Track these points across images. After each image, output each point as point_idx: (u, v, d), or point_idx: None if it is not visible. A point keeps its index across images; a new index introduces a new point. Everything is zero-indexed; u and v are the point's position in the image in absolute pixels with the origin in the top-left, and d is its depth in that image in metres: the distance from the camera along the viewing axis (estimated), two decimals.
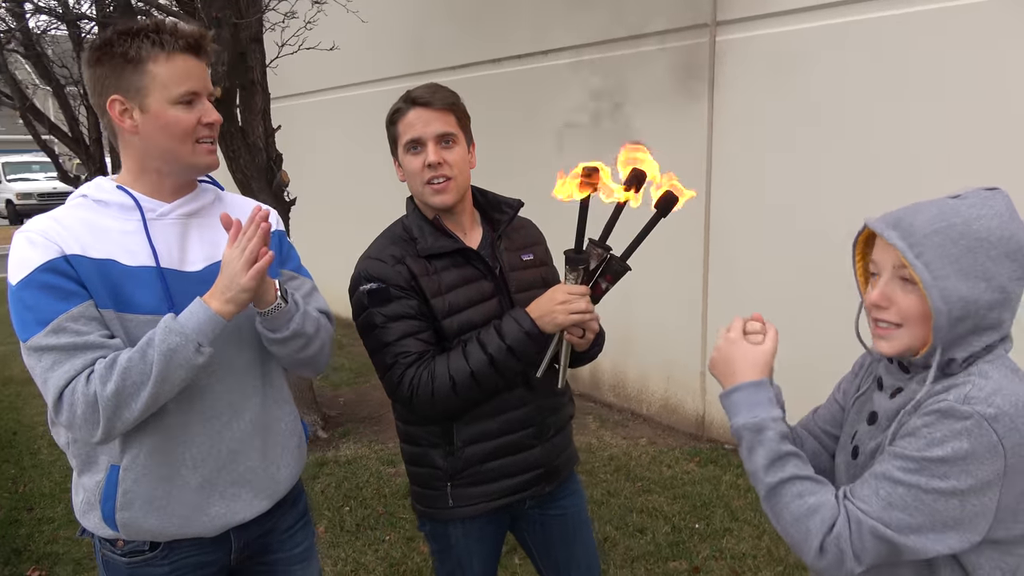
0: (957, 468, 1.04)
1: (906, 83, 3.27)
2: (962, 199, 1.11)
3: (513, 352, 1.58)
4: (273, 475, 1.56)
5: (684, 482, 3.78)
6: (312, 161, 7.31)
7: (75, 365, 1.29)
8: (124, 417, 1.31)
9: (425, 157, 1.63)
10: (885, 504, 1.07)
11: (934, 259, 1.08)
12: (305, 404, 4.54)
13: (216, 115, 1.43)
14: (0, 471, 4.29)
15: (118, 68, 1.36)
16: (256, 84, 4.20)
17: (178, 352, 1.30)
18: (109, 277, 1.35)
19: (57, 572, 3.20)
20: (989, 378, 1.07)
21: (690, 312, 4.33)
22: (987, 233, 1.07)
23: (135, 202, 1.42)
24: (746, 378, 1.22)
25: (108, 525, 1.42)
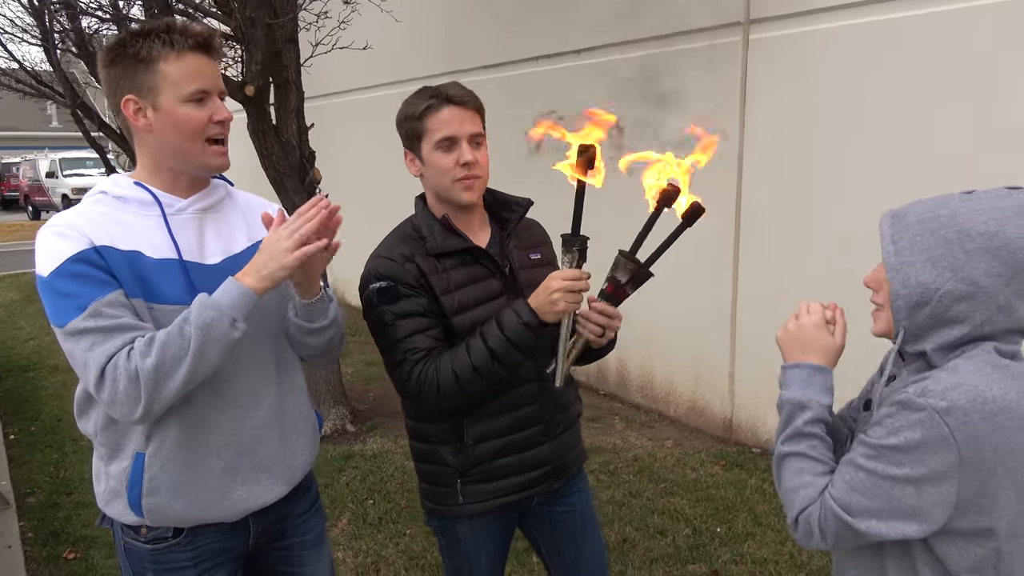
0: (911, 457, 1.08)
1: (937, 81, 3.18)
2: (970, 195, 1.14)
3: (513, 344, 1.57)
4: (290, 461, 1.60)
5: (708, 485, 3.74)
6: (344, 159, 7.41)
7: (115, 343, 1.32)
8: (164, 392, 1.33)
9: (459, 155, 1.65)
10: (848, 488, 1.14)
11: (907, 246, 1.14)
12: (334, 398, 4.62)
13: (227, 113, 1.45)
14: (43, 456, 4.47)
15: (131, 68, 1.39)
16: (291, 83, 4.28)
17: (214, 326, 1.33)
18: (136, 268, 1.39)
19: (92, 555, 3.31)
20: (956, 372, 1.09)
21: (719, 313, 4.28)
22: (970, 227, 1.10)
23: (154, 198, 1.45)
24: (814, 360, 1.28)
25: (134, 511, 1.45)
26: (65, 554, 3.33)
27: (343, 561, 3.17)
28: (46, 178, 21.37)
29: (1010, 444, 1.06)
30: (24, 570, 3.21)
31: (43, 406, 5.34)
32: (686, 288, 4.28)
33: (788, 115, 3.80)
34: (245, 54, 3.98)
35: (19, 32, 6.94)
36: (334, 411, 4.60)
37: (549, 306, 1.54)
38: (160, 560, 1.50)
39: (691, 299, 4.37)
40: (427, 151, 1.68)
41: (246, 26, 3.80)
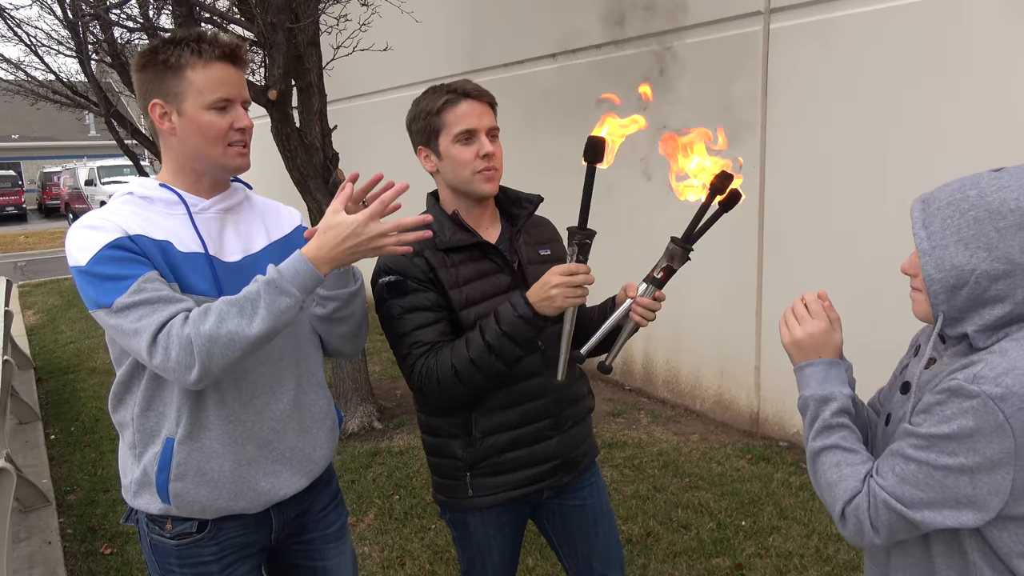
0: (964, 446, 1.05)
1: (963, 66, 3.12)
2: (999, 172, 1.12)
3: (509, 337, 1.59)
4: (310, 454, 1.63)
5: (733, 479, 3.71)
6: (367, 160, 7.49)
7: (168, 311, 1.35)
8: (219, 360, 1.35)
9: (479, 147, 1.68)
10: (899, 480, 1.12)
11: (939, 229, 1.12)
12: (361, 396, 4.68)
13: (247, 121, 1.50)
14: (82, 455, 4.60)
15: (160, 74, 1.45)
16: (313, 86, 4.35)
17: (286, 312, 1.38)
18: (167, 257, 1.44)
19: (127, 550, 3.40)
20: (1006, 356, 1.06)
21: (744, 307, 4.25)
22: (1000, 204, 1.07)
23: (179, 197, 1.51)
24: (827, 356, 1.30)
25: (161, 497, 1.49)
26: (102, 549, 3.43)
27: (369, 555, 3.22)
28: (85, 186, 21.92)
29: None
30: (63, 565, 3.32)
31: (82, 407, 5.50)
32: (711, 283, 4.26)
33: (810, 105, 3.75)
34: (267, 59, 4.05)
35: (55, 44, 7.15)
36: (361, 408, 4.66)
37: (547, 301, 1.55)
38: (185, 555, 1.54)
39: (716, 293, 4.34)
40: (445, 145, 1.71)
41: (268, 31, 3.87)
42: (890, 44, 3.38)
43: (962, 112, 3.15)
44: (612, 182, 4.81)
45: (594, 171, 1.51)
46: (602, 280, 2.16)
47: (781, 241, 4.02)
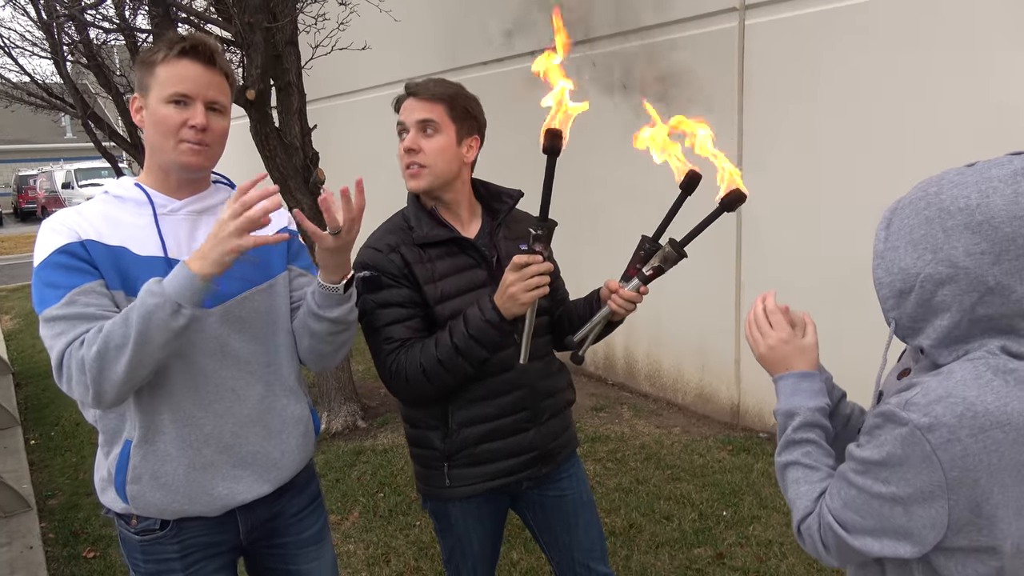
0: (895, 474, 1.01)
1: (936, 63, 3.18)
2: (970, 167, 1.03)
3: (476, 340, 1.61)
4: (276, 461, 1.61)
5: (715, 470, 3.76)
6: (348, 159, 7.48)
7: (76, 332, 1.37)
8: (109, 380, 1.34)
9: (403, 141, 1.72)
10: (843, 504, 1.09)
11: (896, 230, 1.06)
12: (345, 395, 4.68)
13: (202, 120, 1.47)
14: (63, 459, 4.57)
15: (139, 70, 1.50)
16: (292, 85, 4.34)
17: (156, 313, 1.33)
18: (120, 263, 1.45)
19: (110, 553, 3.39)
20: (948, 379, 0.99)
21: (724, 301, 4.29)
22: (951, 202, 0.99)
23: (148, 198, 1.52)
24: (797, 368, 1.26)
25: (120, 498, 1.50)
26: (85, 553, 3.41)
27: (354, 553, 3.23)
28: (62, 189, 21.67)
29: (1005, 461, 0.96)
30: (45, 569, 3.29)
31: (62, 411, 5.45)
32: (691, 277, 4.29)
33: (786, 101, 3.80)
34: (245, 59, 4.04)
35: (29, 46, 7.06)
36: (345, 408, 4.66)
37: (510, 301, 1.57)
38: (149, 551, 1.55)
39: (696, 288, 4.38)
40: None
41: (245, 31, 3.86)
42: (865, 40, 3.43)
43: (937, 108, 3.21)
44: (588, 176, 4.84)
45: (554, 163, 1.50)
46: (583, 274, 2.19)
47: (759, 235, 4.07)
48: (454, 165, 1.74)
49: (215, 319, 1.52)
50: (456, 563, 1.91)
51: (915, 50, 3.25)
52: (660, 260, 1.63)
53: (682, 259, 1.64)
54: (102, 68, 6.88)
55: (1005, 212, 0.96)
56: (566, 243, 2.08)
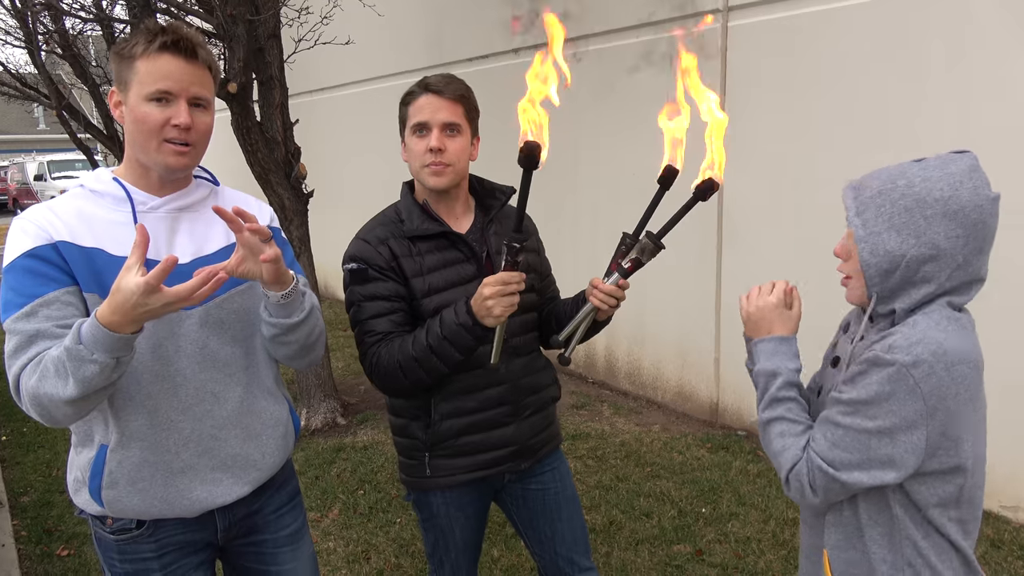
0: (883, 409, 1.18)
1: (922, 63, 3.23)
2: (922, 163, 1.23)
3: (450, 342, 1.62)
4: (256, 462, 1.59)
5: (694, 468, 3.79)
6: (330, 154, 7.43)
7: (31, 353, 1.33)
8: (48, 409, 1.31)
9: (429, 141, 1.71)
10: (830, 445, 1.24)
11: (872, 217, 1.23)
12: (325, 392, 4.65)
13: (186, 119, 1.42)
14: (36, 456, 4.49)
15: (117, 63, 1.44)
16: (274, 79, 4.30)
17: (95, 378, 1.28)
18: (95, 264, 1.39)
19: (85, 551, 3.34)
20: (916, 327, 1.19)
21: (704, 300, 4.33)
22: (926, 194, 1.19)
23: (127, 194, 1.46)
24: (777, 333, 1.40)
25: (95, 502, 1.48)
26: (59, 551, 3.36)
27: (334, 551, 3.22)
28: (34, 181, 21.27)
29: (967, 391, 1.17)
30: (18, 567, 3.24)
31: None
32: (672, 276, 4.33)
33: (768, 100, 3.84)
34: (227, 51, 3.99)
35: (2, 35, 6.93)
36: (324, 404, 4.63)
37: (485, 311, 1.57)
38: (125, 551, 1.53)
39: (677, 287, 4.42)
40: (407, 136, 1.77)
41: (227, 23, 3.82)
42: (848, 41, 3.47)
43: (919, 108, 3.26)
44: (575, 174, 4.86)
45: (530, 177, 1.46)
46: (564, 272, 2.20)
47: (740, 234, 4.11)
48: (467, 164, 1.78)
49: (195, 322, 1.49)
50: (439, 555, 1.91)
51: (898, 52, 3.29)
52: (638, 252, 1.65)
53: (660, 250, 1.65)
54: (77, 58, 6.77)
55: (971, 202, 1.18)
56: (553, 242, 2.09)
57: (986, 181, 1.20)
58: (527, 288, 1.83)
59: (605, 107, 4.63)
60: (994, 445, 1.26)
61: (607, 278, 1.70)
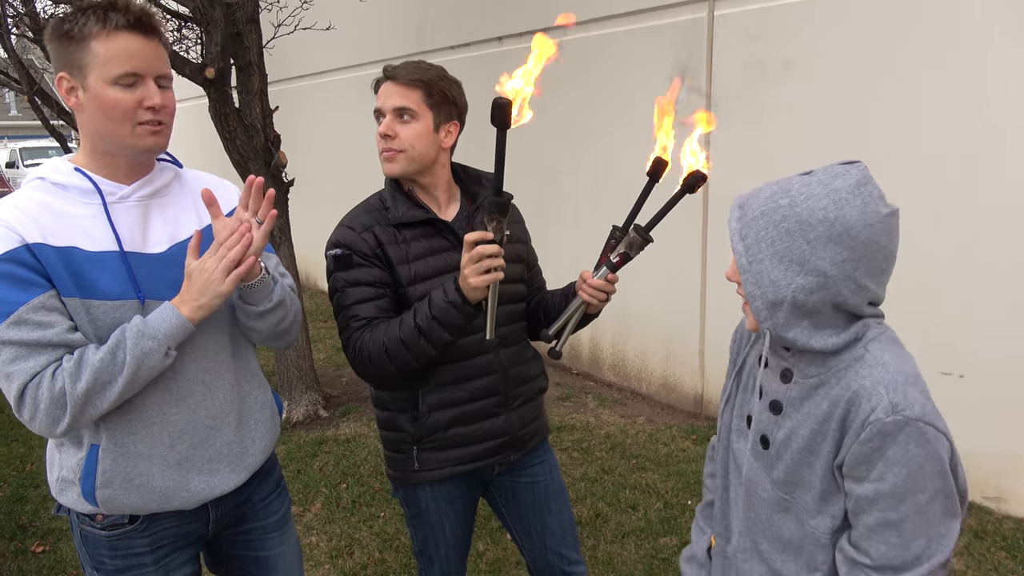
0: (926, 472, 1.05)
1: (911, 54, 3.22)
2: (808, 176, 1.10)
3: (439, 322, 1.58)
4: (248, 448, 1.59)
5: (679, 460, 3.78)
6: (311, 142, 7.32)
7: (39, 362, 1.30)
8: (90, 413, 1.34)
9: (380, 126, 1.71)
10: (904, 543, 1.08)
11: (754, 242, 1.10)
12: (306, 384, 4.59)
13: (159, 99, 1.37)
14: (9, 450, 4.39)
15: (64, 45, 1.33)
16: (253, 65, 4.20)
17: (149, 356, 1.34)
18: (71, 265, 1.34)
19: (61, 547, 3.27)
20: (888, 368, 1.07)
21: (689, 291, 4.32)
22: (809, 215, 1.06)
23: (95, 186, 1.40)
24: None
25: (88, 502, 1.44)
26: (33, 547, 3.29)
27: (316, 545, 3.17)
28: (6, 168, 20.82)
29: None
30: None
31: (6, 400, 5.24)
32: (656, 267, 4.31)
33: (755, 91, 3.81)
34: (204, 36, 3.90)
35: None
36: (306, 397, 4.57)
37: (466, 285, 1.53)
38: (117, 546, 1.49)
39: (661, 278, 4.40)
40: None
41: (204, 7, 3.72)
42: (837, 30, 3.45)
43: (908, 100, 3.25)
44: (556, 166, 4.82)
45: (505, 136, 1.42)
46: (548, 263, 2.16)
47: (725, 226, 4.08)
48: (431, 151, 1.72)
49: None
50: (428, 552, 1.88)
51: (887, 41, 3.28)
52: (626, 246, 1.64)
53: (648, 243, 1.64)
54: None
55: (859, 222, 1.05)
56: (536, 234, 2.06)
57: (877, 196, 1.06)
58: (515, 278, 1.82)
59: (589, 97, 4.58)
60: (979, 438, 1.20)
61: (596, 272, 1.68)
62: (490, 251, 1.49)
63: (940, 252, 3.16)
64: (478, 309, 1.58)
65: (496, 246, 1.49)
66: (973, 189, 3.06)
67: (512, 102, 1.38)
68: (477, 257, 1.49)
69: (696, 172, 1.55)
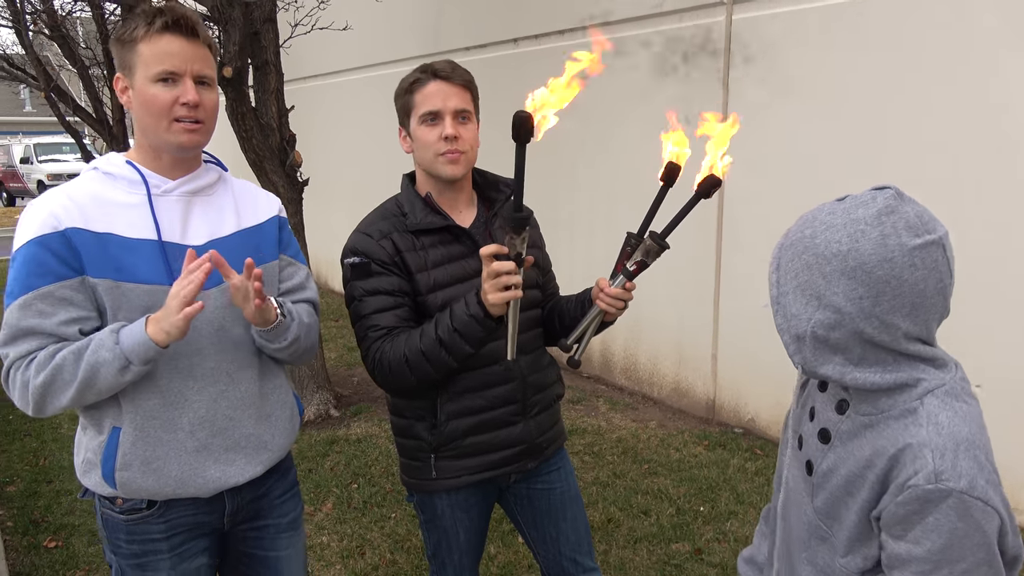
0: (965, 544, 0.98)
1: (924, 61, 3.19)
2: (837, 204, 1.04)
3: (460, 334, 1.57)
4: (267, 443, 1.62)
5: (691, 465, 3.77)
6: (326, 142, 7.34)
7: (30, 347, 1.40)
8: (51, 406, 1.42)
9: (442, 129, 1.65)
10: None
11: (784, 274, 1.06)
12: (318, 384, 4.59)
13: (194, 96, 1.44)
14: (22, 444, 4.41)
15: (118, 47, 1.45)
16: (269, 64, 4.22)
17: (104, 366, 1.38)
18: (109, 249, 1.42)
19: (73, 543, 3.28)
20: (941, 431, 0.99)
21: (702, 296, 4.30)
22: (825, 247, 1.00)
23: (142, 177, 1.49)
24: None
25: (107, 483, 1.49)
26: (46, 543, 3.30)
27: (327, 545, 3.17)
28: (20, 164, 20.98)
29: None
30: (3, 559, 3.17)
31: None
32: (669, 271, 4.28)
33: (771, 97, 3.79)
34: (222, 35, 3.91)
35: None
36: (317, 396, 4.58)
37: (485, 299, 1.53)
38: (134, 531, 1.53)
39: (674, 282, 4.38)
40: (414, 126, 1.70)
41: (223, 6, 3.73)
42: (853, 36, 3.43)
43: (922, 105, 3.23)
44: (571, 171, 4.81)
45: (524, 151, 1.41)
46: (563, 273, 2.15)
47: (740, 231, 4.07)
48: (476, 152, 1.74)
49: (212, 303, 1.50)
50: (442, 557, 1.87)
51: (902, 47, 3.26)
52: (643, 254, 1.62)
53: (664, 250, 1.62)
54: (66, 39, 6.64)
55: (875, 256, 0.97)
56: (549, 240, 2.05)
57: (903, 226, 0.97)
58: (532, 284, 1.80)
59: (603, 103, 4.57)
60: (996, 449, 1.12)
61: (613, 280, 1.66)
62: (507, 268, 1.47)
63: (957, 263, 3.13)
64: (499, 322, 1.57)
65: (512, 263, 1.47)
66: (988, 201, 3.03)
67: (532, 116, 1.36)
68: (494, 274, 1.48)
69: (711, 177, 1.53)
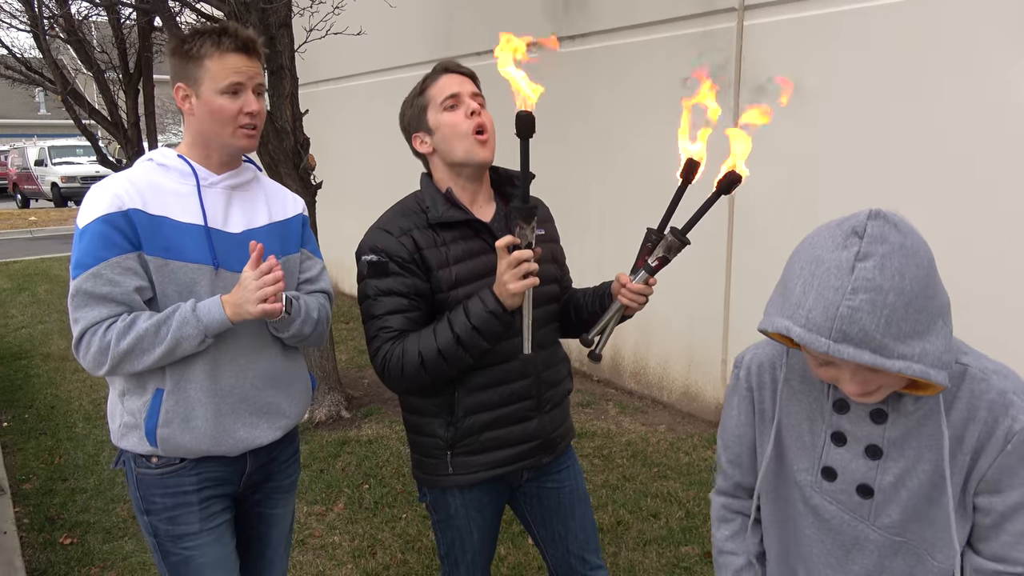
0: None
1: (934, 65, 3.20)
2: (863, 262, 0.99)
3: (478, 331, 1.59)
4: (285, 411, 1.82)
5: (701, 469, 3.78)
6: (339, 145, 7.40)
7: (101, 313, 1.57)
8: (127, 369, 1.61)
9: (466, 108, 1.70)
10: None
11: (896, 347, 0.96)
12: (329, 385, 4.63)
13: (256, 105, 1.66)
14: (37, 443, 4.46)
15: (184, 61, 1.64)
16: (284, 69, 4.26)
17: (187, 340, 1.60)
18: (161, 230, 1.62)
19: (88, 540, 3.32)
20: (1004, 374, 1.07)
21: (712, 299, 4.31)
22: (907, 287, 0.96)
23: (192, 170, 1.69)
24: None
25: (148, 441, 1.67)
26: (61, 539, 3.34)
27: (339, 545, 3.20)
28: (35, 166, 21.18)
29: None
30: (20, 555, 3.22)
31: (36, 394, 5.33)
32: (679, 275, 4.30)
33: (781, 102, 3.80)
34: None
35: (7, 18, 6.87)
36: (329, 398, 4.61)
37: (504, 291, 1.55)
38: (168, 483, 1.71)
39: (684, 285, 4.39)
40: (435, 119, 1.72)
41: (239, 11, 3.78)
42: (864, 42, 3.45)
43: (933, 109, 3.24)
44: (585, 169, 4.83)
45: (527, 146, 1.47)
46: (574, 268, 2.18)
47: (751, 235, 4.08)
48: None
49: None
50: (455, 556, 1.88)
51: (912, 53, 3.27)
52: (664, 250, 1.64)
53: (685, 246, 1.64)
54: (83, 44, 6.73)
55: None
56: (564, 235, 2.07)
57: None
58: (549, 279, 1.82)
59: (615, 104, 4.60)
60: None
61: (634, 276, 1.68)
62: (526, 255, 1.53)
63: (964, 269, 3.13)
64: (514, 316, 1.59)
65: (528, 251, 1.53)
66: (1000, 205, 3.04)
67: (534, 116, 1.44)
68: (515, 262, 1.51)
69: (731, 173, 1.56)
